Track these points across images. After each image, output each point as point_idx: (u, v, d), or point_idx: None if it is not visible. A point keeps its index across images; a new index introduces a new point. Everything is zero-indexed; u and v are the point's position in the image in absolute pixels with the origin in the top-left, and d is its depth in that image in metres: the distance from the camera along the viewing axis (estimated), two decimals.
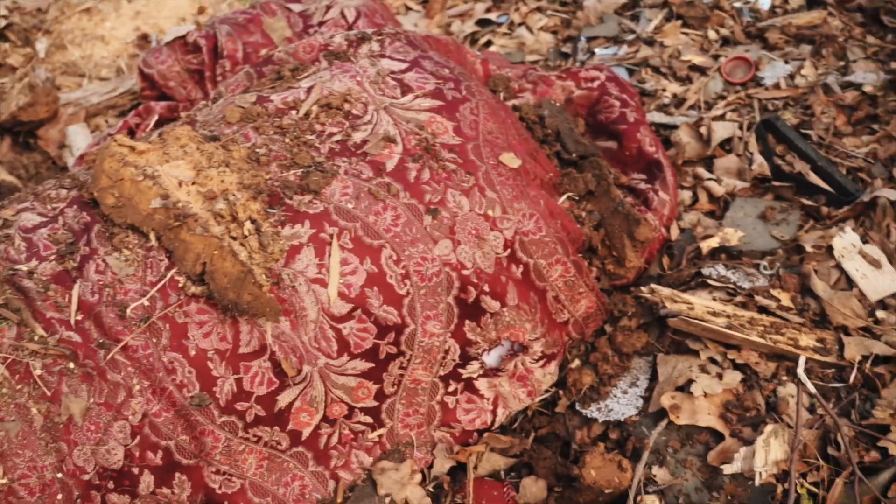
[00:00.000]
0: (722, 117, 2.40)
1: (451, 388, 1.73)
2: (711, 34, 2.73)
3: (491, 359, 1.76)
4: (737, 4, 2.81)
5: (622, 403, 1.77)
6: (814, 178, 2.11)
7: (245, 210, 1.54)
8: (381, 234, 1.60)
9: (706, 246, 1.99)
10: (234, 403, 1.54)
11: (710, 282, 1.88)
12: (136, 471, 1.52)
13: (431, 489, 1.70)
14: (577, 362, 1.87)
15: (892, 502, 1.47)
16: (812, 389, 1.64)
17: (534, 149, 1.95)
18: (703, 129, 2.32)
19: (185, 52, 2.48)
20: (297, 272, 1.55)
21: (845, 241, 1.87)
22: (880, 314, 1.76)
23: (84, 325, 1.53)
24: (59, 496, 1.47)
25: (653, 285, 1.86)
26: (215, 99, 2.04)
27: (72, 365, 1.50)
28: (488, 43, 3.11)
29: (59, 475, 1.48)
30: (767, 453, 1.56)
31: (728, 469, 1.57)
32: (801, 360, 1.67)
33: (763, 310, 1.79)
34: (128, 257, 1.56)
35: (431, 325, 1.64)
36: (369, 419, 1.67)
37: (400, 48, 2.00)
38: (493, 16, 3.20)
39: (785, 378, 1.69)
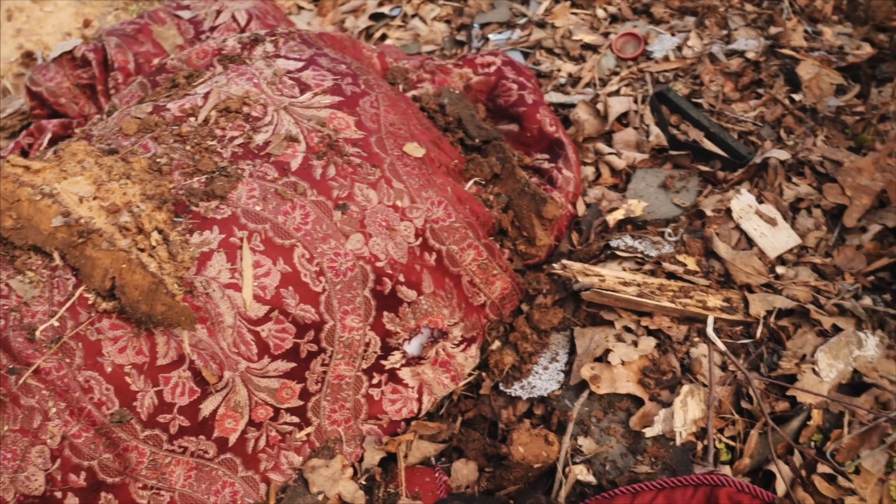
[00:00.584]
0: (617, 93, 2.46)
1: (375, 381, 1.74)
2: (600, 13, 2.79)
3: (412, 347, 1.77)
4: None
5: (544, 379, 1.80)
6: (708, 145, 2.18)
7: (151, 221, 1.52)
8: (292, 234, 1.60)
9: (612, 218, 2.04)
10: (157, 416, 1.52)
11: (618, 253, 1.93)
12: (59, 495, 1.48)
13: (364, 482, 1.70)
14: (497, 343, 1.90)
15: (804, 447, 1.54)
16: (722, 347, 1.70)
17: (437, 137, 1.96)
18: (599, 106, 2.37)
19: (73, 67, 2.42)
20: (209, 279, 1.54)
21: (742, 202, 1.94)
22: (780, 269, 1.83)
23: None
24: None
25: (564, 261, 1.90)
26: (110, 112, 2.00)
27: None
28: (383, 37, 3.11)
29: None
30: (685, 413, 1.61)
31: (650, 432, 1.62)
32: (710, 321, 1.73)
33: (671, 275, 1.85)
34: (32, 279, 1.52)
35: (350, 319, 1.65)
36: (296, 419, 1.67)
37: (295, 47, 1.99)
38: (385, 9, 3.21)
39: (696, 339, 1.74)
